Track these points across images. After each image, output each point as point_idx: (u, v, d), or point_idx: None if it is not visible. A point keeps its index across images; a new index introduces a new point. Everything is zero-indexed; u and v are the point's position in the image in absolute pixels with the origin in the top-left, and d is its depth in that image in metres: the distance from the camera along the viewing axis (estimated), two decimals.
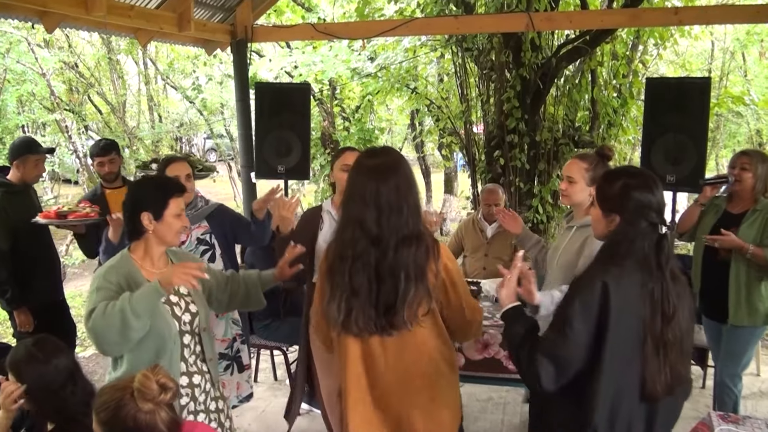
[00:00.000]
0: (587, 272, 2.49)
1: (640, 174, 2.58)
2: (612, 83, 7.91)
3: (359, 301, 2.65)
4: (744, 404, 5.39)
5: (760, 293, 4.22)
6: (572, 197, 3.56)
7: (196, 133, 21.53)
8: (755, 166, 4.18)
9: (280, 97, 6.21)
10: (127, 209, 2.90)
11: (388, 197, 2.63)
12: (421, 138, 13.54)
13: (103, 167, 4.99)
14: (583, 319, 2.37)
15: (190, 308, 3.01)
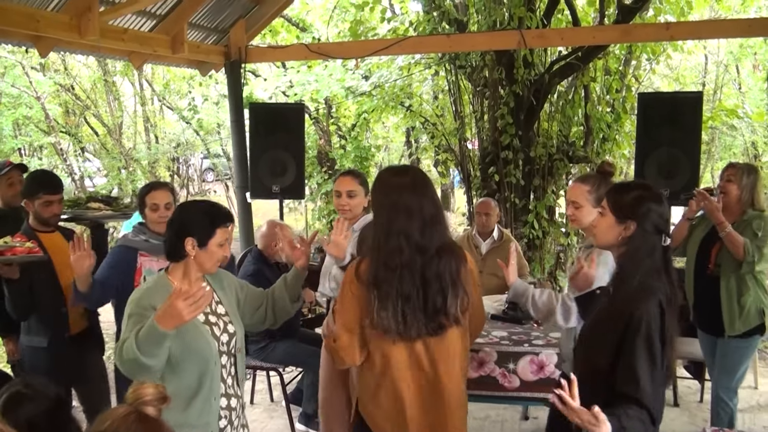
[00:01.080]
0: (635, 298, 2.50)
1: (650, 187, 2.72)
2: (605, 98, 7.94)
3: (410, 307, 2.84)
4: (742, 417, 5.38)
5: (749, 296, 4.23)
6: (581, 221, 3.55)
7: (193, 153, 21.54)
8: (740, 178, 4.20)
9: (274, 117, 6.25)
10: (173, 231, 2.83)
11: (430, 210, 2.89)
12: (417, 155, 13.57)
13: (51, 207, 4.08)
14: (657, 337, 2.44)
15: (228, 328, 2.94)
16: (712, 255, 4.31)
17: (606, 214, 2.68)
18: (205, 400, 2.79)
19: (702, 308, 4.47)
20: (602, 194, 3.21)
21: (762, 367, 6.63)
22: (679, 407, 5.78)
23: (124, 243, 4.08)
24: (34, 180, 4.21)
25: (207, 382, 2.78)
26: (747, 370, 4.51)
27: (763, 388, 6.17)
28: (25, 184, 4.21)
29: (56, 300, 4.11)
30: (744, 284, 4.22)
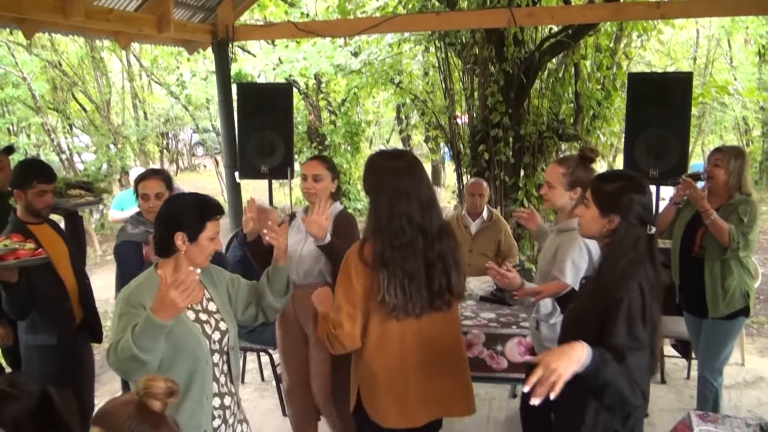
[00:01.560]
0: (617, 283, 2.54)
1: (634, 177, 2.71)
2: (595, 76, 7.90)
3: (415, 285, 3.01)
4: (728, 394, 5.43)
5: (734, 279, 4.24)
6: (553, 201, 3.61)
7: (183, 128, 21.47)
8: (727, 162, 4.19)
9: (262, 97, 6.19)
10: (161, 225, 2.76)
11: (426, 192, 3.09)
12: (408, 132, 13.53)
13: (44, 197, 3.89)
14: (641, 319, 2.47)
15: (220, 326, 2.87)
16: (697, 238, 4.32)
17: (590, 206, 2.69)
18: (197, 402, 2.73)
19: (687, 290, 4.50)
20: (577, 178, 3.43)
21: (749, 343, 6.68)
22: (666, 384, 5.83)
23: (126, 238, 4.06)
24: (26, 169, 3.98)
25: (198, 382, 2.73)
26: (732, 351, 4.53)
27: (750, 365, 6.21)
28: (15, 173, 3.97)
29: (60, 294, 3.98)
30: (728, 268, 4.23)
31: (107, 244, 12.34)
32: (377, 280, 3.00)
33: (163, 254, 2.80)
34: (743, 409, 5.36)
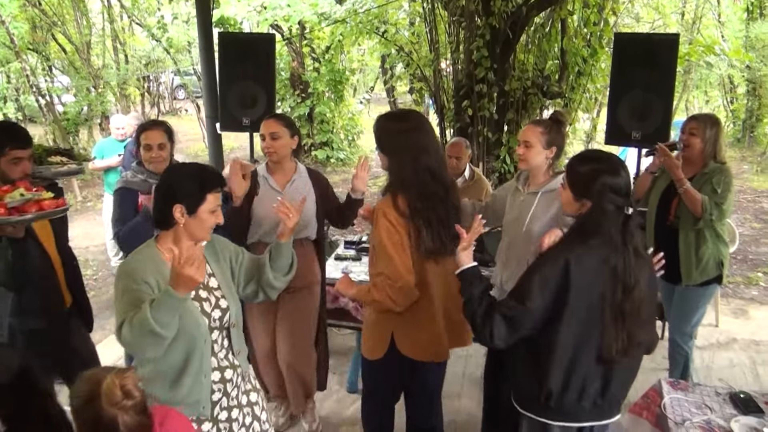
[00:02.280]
0: (553, 249, 2.76)
1: (607, 158, 2.75)
2: (582, 32, 7.83)
3: (445, 229, 3.23)
4: (701, 355, 5.55)
5: (707, 248, 4.29)
6: (529, 161, 3.65)
7: (164, 71, 21.16)
8: (703, 131, 4.20)
9: (244, 47, 6.08)
10: (159, 197, 2.68)
11: (437, 146, 3.34)
12: (392, 83, 13.40)
13: (20, 165, 3.42)
14: (541, 293, 2.61)
15: (221, 303, 2.82)
16: (672, 207, 4.35)
17: (566, 188, 2.81)
18: (195, 379, 2.71)
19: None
20: (553, 138, 3.56)
21: (724, 305, 6.78)
22: None
23: (125, 185, 4.04)
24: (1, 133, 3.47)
25: (195, 361, 2.69)
26: (703, 315, 4.61)
27: (723, 326, 6.33)
28: None
29: (48, 272, 3.63)
30: (702, 237, 4.27)
31: (87, 190, 12.27)
32: (415, 228, 3.18)
33: (161, 226, 2.73)
34: (715, 369, 5.49)
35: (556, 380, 2.71)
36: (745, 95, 17.00)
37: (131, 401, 2.05)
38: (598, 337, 2.63)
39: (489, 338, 2.69)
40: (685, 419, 3.06)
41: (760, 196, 12.49)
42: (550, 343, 2.67)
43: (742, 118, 17.29)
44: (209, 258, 2.87)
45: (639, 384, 5.03)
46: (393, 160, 3.27)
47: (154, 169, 3.95)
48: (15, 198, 3.02)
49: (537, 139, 3.59)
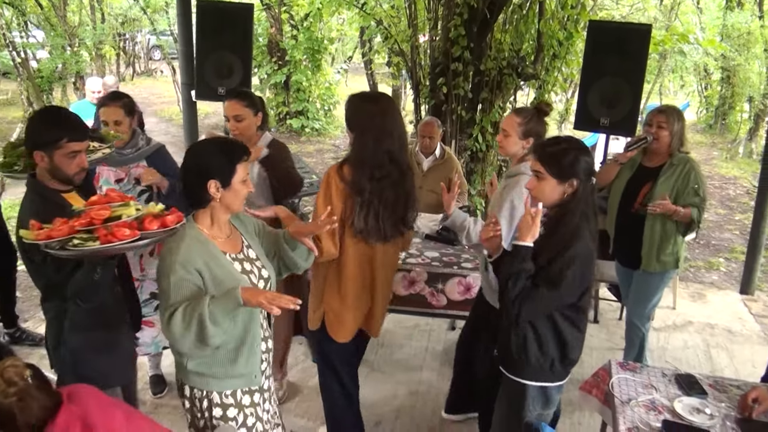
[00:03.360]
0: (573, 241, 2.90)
1: (579, 142, 3.04)
2: (559, 15, 7.88)
3: (387, 213, 3.40)
4: (657, 336, 5.72)
5: (671, 244, 4.41)
6: (507, 149, 3.83)
7: (140, 30, 20.92)
8: (672, 124, 4.31)
9: (222, 16, 6.08)
10: (191, 177, 2.67)
11: (403, 134, 3.48)
12: (370, 56, 13.37)
13: (78, 159, 3.02)
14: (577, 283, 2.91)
15: (263, 273, 2.88)
16: (639, 195, 4.44)
17: (545, 178, 2.96)
18: (250, 349, 2.80)
19: (622, 242, 4.67)
20: (531, 129, 3.70)
21: (682, 288, 6.96)
22: (599, 324, 6.09)
23: None
24: (51, 122, 3.01)
25: (252, 331, 2.78)
26: (660, 298, 4.73)
27: (680, 308, 6.51)
28: (34, 127, 3.00)
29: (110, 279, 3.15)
30: (667, 227, 4.38)
31: None
32: (351, 203, 3.34)
33: (197, 205, 2.73)
34: (669, 350, 5.65)
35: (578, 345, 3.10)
36: (720, 83, 17.16)
37: (14, 388, 2.12)
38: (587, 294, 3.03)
39: (516, 318, 2.94)
40: (631, 398, 3.18)
41: (727, 182, 12.71)
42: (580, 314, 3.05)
43: (715, 105, 17.48)
44: (240, 229, 2.93)
45: (595, 362, 5.27)
46: (357, 139, 3.39)
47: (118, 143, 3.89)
48: (131, 215, 2.61)
49: (514, 130, 3.75)
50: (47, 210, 2.79)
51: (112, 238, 2.46)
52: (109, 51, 17.65)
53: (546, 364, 3.08)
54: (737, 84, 15.58)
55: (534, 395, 3.17)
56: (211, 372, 2.73)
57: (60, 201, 2.98)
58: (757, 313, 6.54)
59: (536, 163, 2.98)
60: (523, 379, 3.15)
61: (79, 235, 2.50)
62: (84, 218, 2.54)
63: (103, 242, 2.46)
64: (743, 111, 16.24)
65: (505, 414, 3.32)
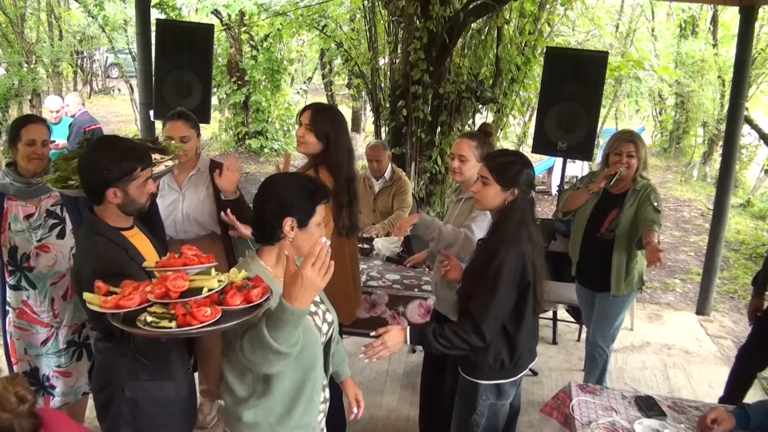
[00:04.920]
0: (504, 245, 3.08)
1: (525, 157, 3.26)
2: (517, 41, 7.99)
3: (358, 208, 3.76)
4: (615, 357, 5.75)
5: (635, 263, 4.48)
6: (464, 173, 3.85)
7: (98, 48, 20.72)
8: (640, 151, 4.40)
9: (181, 36, 6.06)
10: (268, 210, 2.47)
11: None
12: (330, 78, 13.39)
13: (148, 186, 2.82)
14: (507, 285, 3.05)
15: (327, 317, 2.70)
16: (606, 221, 4.51)
17: (491, 184, 3.16)
18: (308, 399, 2.55)
19: (585, 266, 4.72)
20: (485, 152, 3.74)
21: (639, 309, 7.04)
22: (557, 345, 6.13)
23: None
24: (120, 154, 2.70)
25: (312, 379, 2.54)
26: (623, 320, 4.79)
27: (638, 329, 6.59)
28: (100, 164, 2.67)
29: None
30: (633, 251, 4.45)
31: None
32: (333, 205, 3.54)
33: (265, 240, 2.55)
34: (628, 371, 5.70)
35: (524, 343, 3.23)
36: (674, 108, 17.50)
37: (26, 406, 2.07)
38: (535, 295, 3.17)
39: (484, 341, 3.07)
40: (591, 420, 3.19)
41: (682, 205, 12.93)
42: (520, 317, 3.16)
43: (670, 129, 17.82)
44: None
45: (554, 383, 5.28)
46: (332, 145, 3.60)
47: (34, 168, 3.65)
48: (213, 287, 2.27)
49: (471, 153, 3.81)
50: (111, 255, 2.65)
51: (191, 320, 2.14)
52: (67, 68, 17.44)
53: (497, 365, 3.22)
54: (691, 109, 15.89)
55: (486, 389, 3.29)
56: (267, 422, 2.50)
57: (124, 244, 2.76)
58: (713, 334, 6.63)
59: (484, 170, 3.19)
60: (478, 379, 3.27)
61: (153, 308, 2.21)
62: (158, 287, 2.21)
63: (180, 323, 2.14)
64: (697, 135, 16.57)
65: (460, 408, 3.41)
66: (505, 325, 3.15)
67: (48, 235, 3.73)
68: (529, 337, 3.27)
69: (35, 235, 3.73)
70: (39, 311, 3.82)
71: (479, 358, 3.20)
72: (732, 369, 4.79)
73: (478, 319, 3.03)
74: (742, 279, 8.66)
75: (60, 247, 3.80)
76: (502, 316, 3.09)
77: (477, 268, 3.17)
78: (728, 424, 2.98)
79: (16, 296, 3.83)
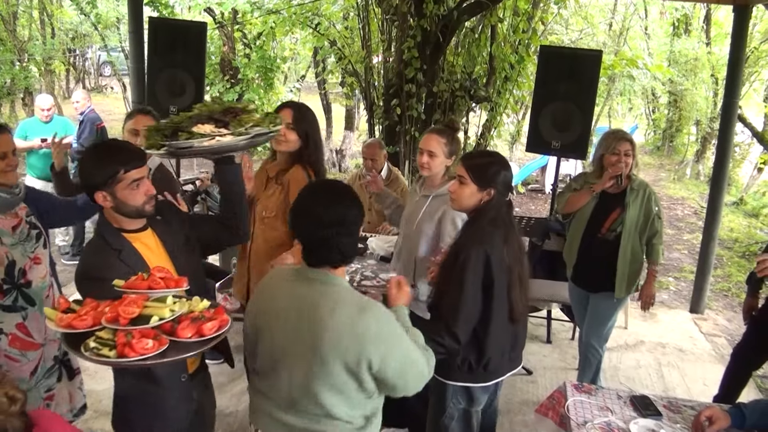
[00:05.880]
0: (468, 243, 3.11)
1: (504, 158, 3.32)
2: (511, 39, 7.98)
3: None
4: (609, 356, 5.75)
5: (637, 263, 4.51)
6: (433, 169, 3.89)
7: (91, 46, 20.64)
8: (635, 150, 4.42)
9: (174, 34, 6.03)
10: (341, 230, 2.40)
11: None
12: (323, 76, 13.36)
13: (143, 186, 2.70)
14: (473, 282, 3.05)
15: None
16: (608, 221, 4.50)
17: (467, 184, 3.19)
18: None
19: (583, 267, 4.70)
20: (454, 148, 3.88)
21: (633, 308, 7.02)
22: (551, 344, 6.13)
23: None
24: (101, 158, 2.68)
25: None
26: (616, 320, 4.82)
27: (632, 328, 6.59)
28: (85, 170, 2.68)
29: None
30: (638, 251, 4.49)
31: None
32: None
33: (340, 262, 2.47)
34: (622, 370, 5.70)
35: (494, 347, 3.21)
36: (667, 106, 17.52)
37: (17, 406, 2.05)
38: (507, 302, 3.15)
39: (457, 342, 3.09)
40: (587, 420, 3.18)
41: (675, 203, 12.96)
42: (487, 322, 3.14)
43: (663, 128, 17.84)
44: None
45: (549, 382, 5.27)
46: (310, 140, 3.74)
47: (10, 180, 3.42)
48: (164, 317, 2.19)
49: (441, 150, 3.85)
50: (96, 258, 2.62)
51: (129, 352, 2.05)
52: (59, 66, 17.37)
53: (464, 366, 3.23)
54: (684, 108, 15.93)
55: (456, 392, 3.32)
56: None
57: (119, 245, 2.66)
58: (707, 332, 6.64)
59: (462, 169, 3.22)
60: (445, 379, 3.28)
61: (102, 333, 2.14)
62: (112, 310, 2.14)
63: (119, 353, 2.07)
64: (690, 134, 16.61)
65: (433, 408, 3.45)
66: (475, 327, 3.15)
67: (36, 245, 3.57)
68: (501, 343, 3.25)
69: (27, 247, 3.52)
70: (35, 331, 3.58)
71: (447, 358, 3.16)
72: (727, 368, 4.79)
73: (450, 321, 3.05)
74: (736, 277, 8.68)
75: (45, 257, 3.65)
76: (473, 316, 3.10)
77: (447, 266, 3.19)
78: (723, 423, 2.97)
79: (10, 319, 3.51)
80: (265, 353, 2.49)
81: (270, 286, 2.57)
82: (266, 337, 2.47)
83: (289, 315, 2.38)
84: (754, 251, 9.46)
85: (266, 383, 2.50)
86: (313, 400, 2.36)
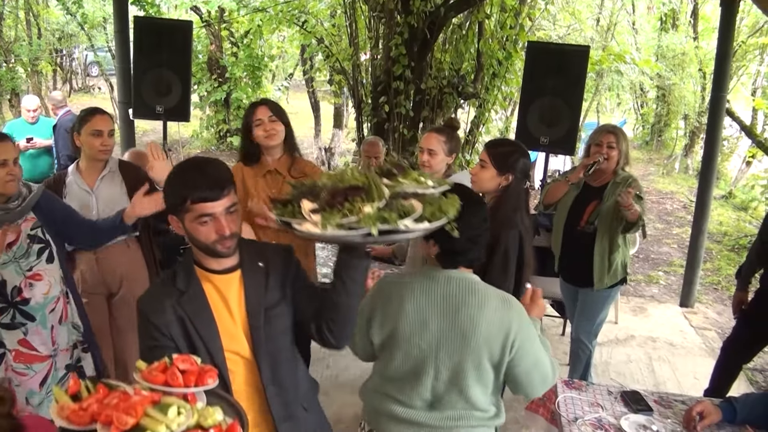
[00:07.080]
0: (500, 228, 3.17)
1: (521, 144, 3.50)
2: (498, 36, 7.98)
3: None
4: (600, 351, 5.75)
5: (617, 254, 4.46)
6: (433, 167, 3.88)
7: (77, 46, 20.55)
8: (620, 144, 4.37)
9: (160, 33, 5.99)
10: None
11: None
12: (311, 74, 13.32)
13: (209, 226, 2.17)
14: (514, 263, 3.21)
15: None
16: (585, 213, 4.48)
17: (488, 167, 3.33)
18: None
19: (567, 260, 4.69)
20: (454, 146, 3.91)
21: (624, 303, 7.04)
22: None
23: None
24: (176, 178, 2.21)
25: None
26: (607, 315, 4.79)
27: (622, 323, 6.58)
28: (166, 183, 2.25)
29: None
30: (615, 242, 4.43)
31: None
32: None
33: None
34: (613, 365, 5.68)
35: None
36: (655, 101, 17.55)
37: (5, 407, 2.02)
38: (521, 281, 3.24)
39: None
40: (578, 417, 3.17)
41: (664, 197, 12.98)
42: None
43: (651, 123, 17.87)
44: None
45: None
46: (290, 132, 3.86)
47: (9, 191, 3.26)
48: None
49: (441, 148, 3.87)
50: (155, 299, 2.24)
51: None
52: (46, 67, 17.27)
53: None
54: (672, 102, 15.93)
55: None
56: None
57: (184, 287, 2.25)
58: (698, 326, 6.64)
59: (484, 154, 3.38)
60: None
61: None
62: (108, 411, 1.76)
63: None
64: (678, 128, 16.63)
65: None
66: None
67: (37, 261, 3.41)
68: None
69: (23, 264, 3.37)
70: (39, 344, 3.47)
71: None
72: (717, 362, 4.78)
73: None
74: (725, 270, 8.69)
75: (51, 272, 3.47)
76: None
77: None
78: (715, 417, 2.98)
79: (12, 336, 3.41)
80: (407, 359, 2.46)
81: (390, 294, 2.49)
82: (404, 345, 2.45)
83: (431, 317, 2.42)
84: (744, 244, 9.50)
85: (402, 385, 2.50)
86: (462, 394, 2.45)
